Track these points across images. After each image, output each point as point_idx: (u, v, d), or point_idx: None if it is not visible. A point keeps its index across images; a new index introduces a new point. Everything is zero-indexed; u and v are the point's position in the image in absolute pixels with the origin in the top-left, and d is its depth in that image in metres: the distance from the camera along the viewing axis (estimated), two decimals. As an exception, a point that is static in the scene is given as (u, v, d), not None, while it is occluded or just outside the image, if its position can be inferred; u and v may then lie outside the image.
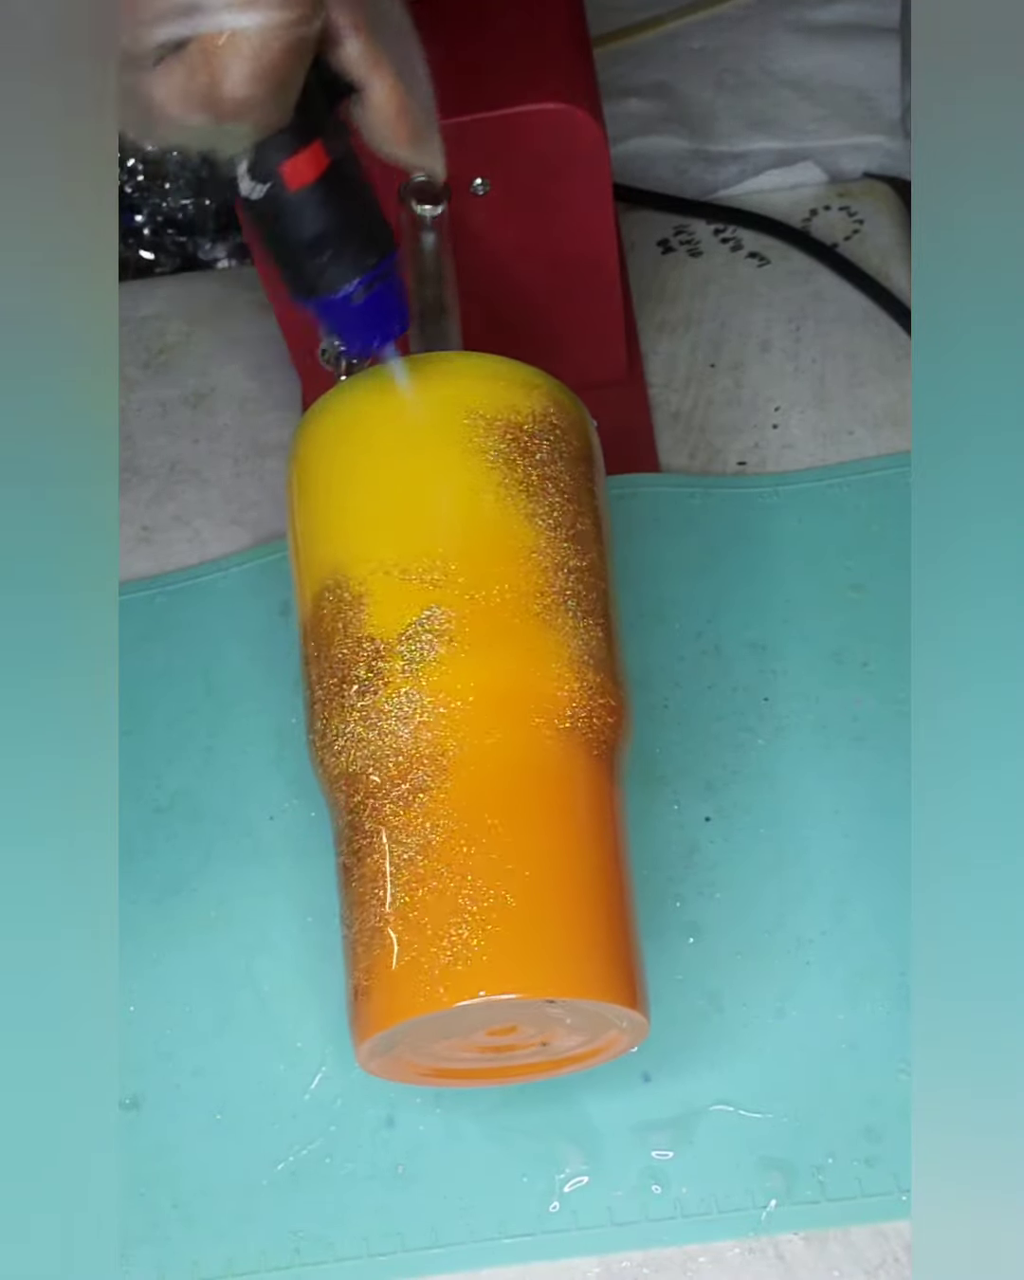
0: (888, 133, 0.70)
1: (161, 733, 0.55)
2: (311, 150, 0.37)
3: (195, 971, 0.49)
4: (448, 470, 0.42)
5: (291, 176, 0.37)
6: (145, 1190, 0.46)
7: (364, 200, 0.39)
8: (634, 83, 0.74)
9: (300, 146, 0.37)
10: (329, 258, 0.39)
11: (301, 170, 0.37)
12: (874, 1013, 0.46)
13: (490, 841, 0.39)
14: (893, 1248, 0.43)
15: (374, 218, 0.40)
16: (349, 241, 0.39)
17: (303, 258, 0.39)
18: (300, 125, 0.37)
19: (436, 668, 0.40)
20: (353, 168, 0.39)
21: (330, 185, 0.38)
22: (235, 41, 0.33)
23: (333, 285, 0.40)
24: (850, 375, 0.62)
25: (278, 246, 0.39)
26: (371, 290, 0.40)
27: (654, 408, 0.62)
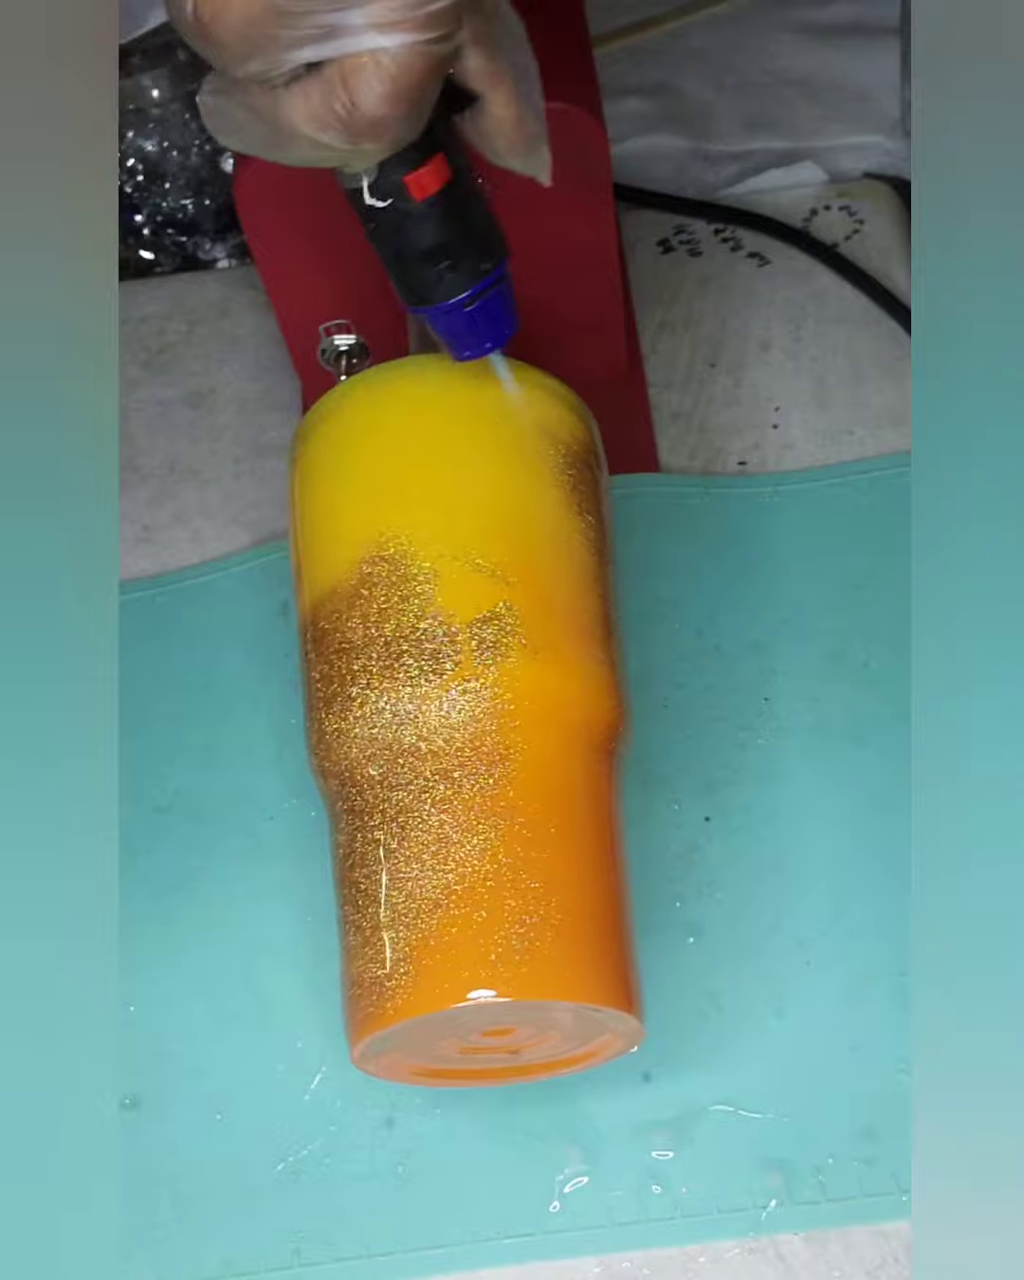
0: (888, 132, 0.70)
1: (161, 733, 0.55)
2: (435, 163, 0.38)
3: (195, 971, 0.49)
4: (521, 477, 0.44)
5: (416, 189, 0.38)
6: (145, 1190, 0.46)
7: (480, 208, 0.40)
8: (634, 83, 0.74)
9: (425, 159, 0.38)
10: (446, 267, 0.40)
11: (425, 183, 0.38)
12: (874, 1013, 0.46)
13: (490, 844, 0.39)
14: (893, 1248, 0.43)
15: (489, 225, 0.41)
16: (467, 250, 0.40)
17: (421, 267, 0.40)
18: (425, 138, 0.37)
19: (505, 663, 0.40)
20: (470, 177, 0.40)
21: (451, 196, 0.39)
22: (377, 62, 0.33)
23: (449, 294, 0.40)
24: (850, 375, 0.62)
25: (396, 256, 0.40)
26: (485, 296, 0.41)
27: (654, 408, 0.62)
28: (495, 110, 0.38)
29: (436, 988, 0.38)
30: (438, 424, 0.44)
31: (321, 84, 0.34)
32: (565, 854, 0.39)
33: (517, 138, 0.39)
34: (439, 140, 0.38)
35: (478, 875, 0.38)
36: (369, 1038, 0.39)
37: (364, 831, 0.40)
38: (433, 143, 0.37)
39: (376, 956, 0.39)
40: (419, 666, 0.40)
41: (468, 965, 0.38)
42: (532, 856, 0.39)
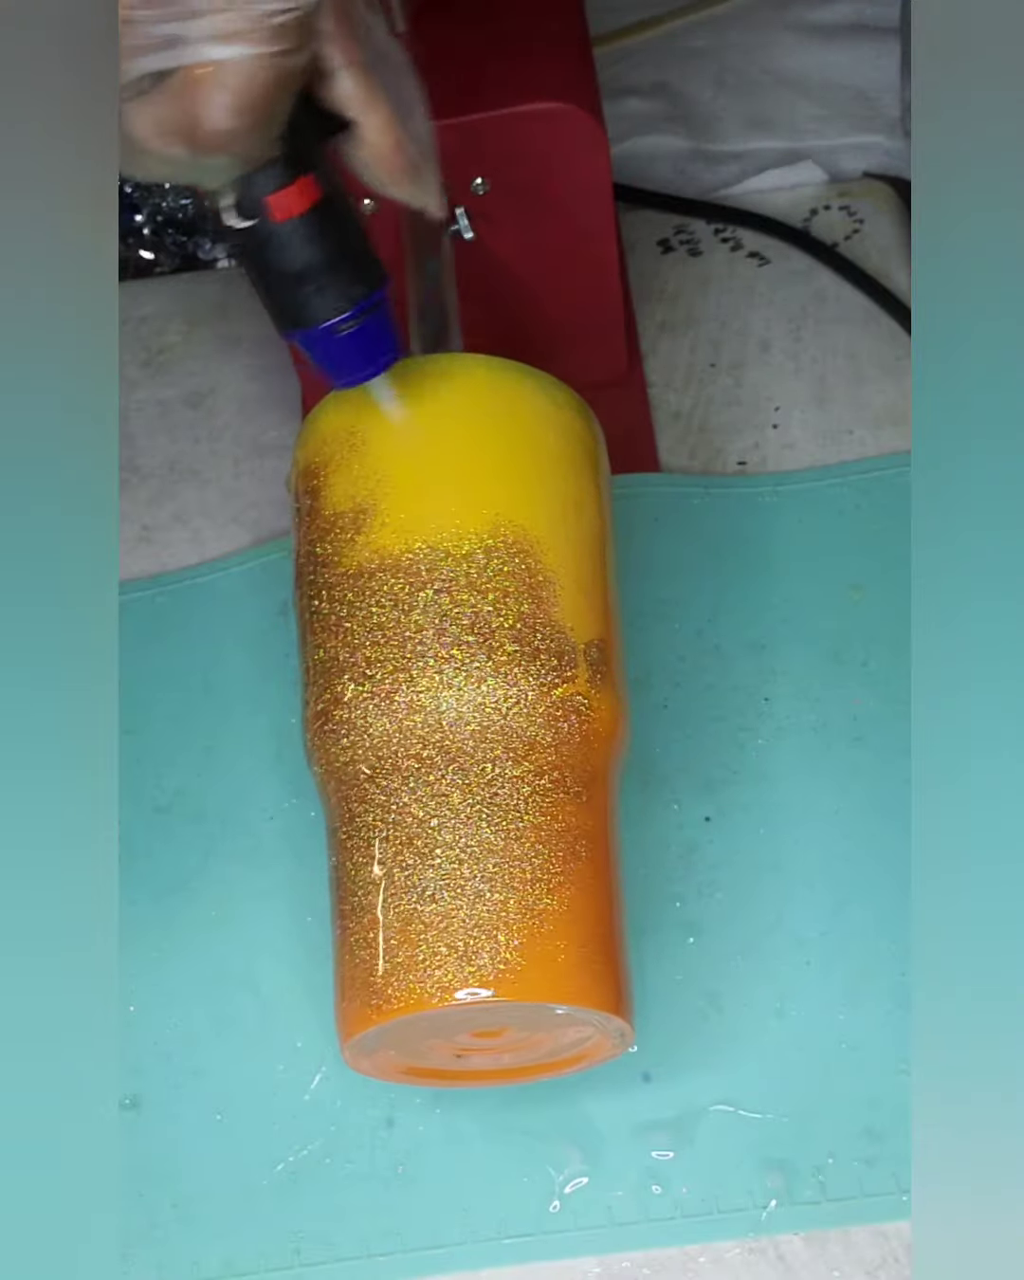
0: (888, 132, 0.70)
1: (161, 733, 0.55)
2: (300, 184, 0.37)
3: (195, 971, 0.49)
4: (598, 496, 0.46)
5: (278, 209, 0.37)
6: (145, 1190, 0.46)
7: (353, 233, 0.39)
8: (634, 82, 0.74)
9: (288, 180, 0.36)
10: (313, 290, 0.38)
11: (288, 204, 0.37)
12: (874, 1013, 0.46)
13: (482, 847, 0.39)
14: (893, 1248, 0.43)
15: (363, 251, 0.39)
16: (336, 274, 0.38)
17: (288, 290, 0.38)
18: (289, 158, 0.36)
19: (602, 689, 0.42)
20: (343, 201, 0.38)
21: (319, 218, 0.37)
22: (218, 74, 0.32)
23: (317, 317, 0.39)
24: (850, 375, 0.62)
25: (262, 278, 0.39)
26: (359, 323, 0.39)
27: (654, 408, 0.62)
28: (369, 137, 0.37)
29: (424, 988, 0.38)
30: (542, 433, 0.44)
31: (165, 95, 0.33)
32: (558, 857, 0.39)
33: (394, 165, 0.38)
34: (308, 162, 0.37)
35: (470, 877, 0.38)
36: (358, 1036, 0.39)
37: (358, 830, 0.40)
38: (299, 163, 0.36)
39: (366, 956, 0.39)
40: (511, 664, 0.40)
41: (456, 966, 0.38)
42: (524, 860, 0.39)
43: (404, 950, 0.38)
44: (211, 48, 0.32)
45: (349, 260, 0.38)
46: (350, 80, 0.36)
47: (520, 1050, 0.42)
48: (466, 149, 0.51)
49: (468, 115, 0.50)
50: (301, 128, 0.36)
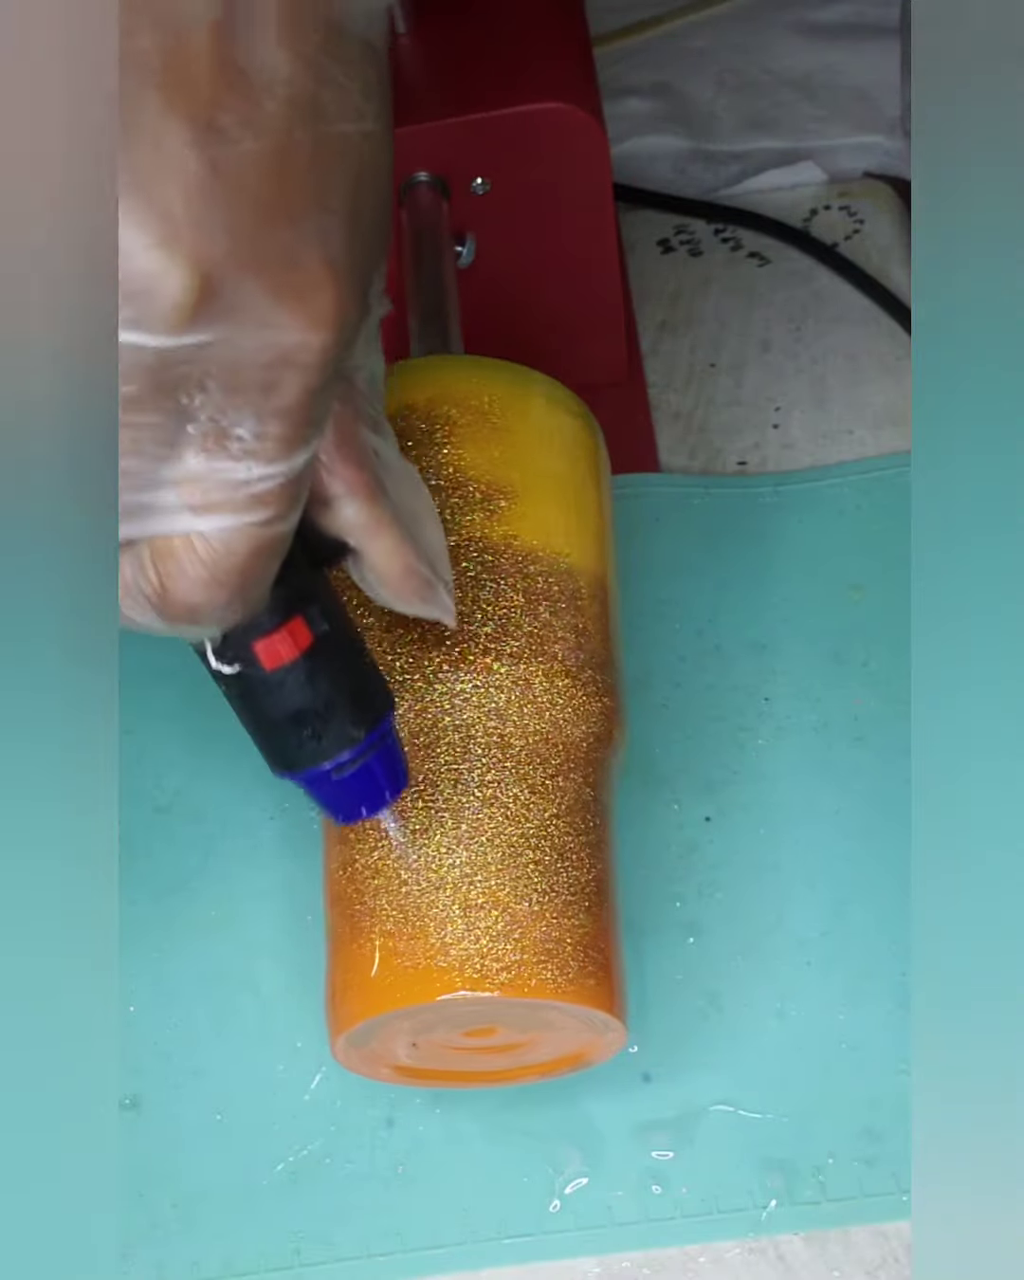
0: (888, 132, 0.70)
1: (161, 733, 0.55)
2: (291, 628, 0.33)
3: (195, 971, 0.49)
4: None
5: (266, 657, 0.33)
6: (145, 1190, 0.46)
7: (353, 668, 0.35)
8: (634, 83, 0.74)
9: (277, 625, 0.33)
10: (309, 734, 0.34)
11: (278, 650, 0.33)
12: (874, 1013, 0.46)
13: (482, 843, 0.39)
14: (893, 1248, 0.43)
15: (364, 684, 0.35)
16: (334, 716, 0.34)
17: (281, 734, 0.35)
18: (278, 602, 0.32)
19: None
20: (342, 631, 0.35)
21: (315, 661, 0.33)
22: (190, 546, 0.29)
23: (315, 761, 0.35)
24: (850, 375, 0.62)
25: (252, 722, 0.35)
26: (363, 761, 0.35)
27: (654, 408, 0.62)
28: (378, 563, 0.34)
29: (415, 984, 0.38)
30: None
31: (133, 563, 0.30)
32: (553, 856, 0.39)
33: (404, 589, 0.35)
34: (300, 598, 0.33)
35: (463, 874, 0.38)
36: (347, 1033, 0.39)
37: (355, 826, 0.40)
38: (290, 605, 0.33)
39: (355, 951, 0.39)
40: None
41: (443, 962, 0.38)
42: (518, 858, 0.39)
43: (397, 946, 0.38)
44: (185, 519, 0.29)
45: (350, 699, 0.35)
46: (353, 508, 0.33)
47: (513, 1051, 0.42)
48: (467, 148, 0.51)
49: (468, 115, 0.50)
50: (297, 562, 0.33)
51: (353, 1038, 0.39)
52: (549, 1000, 0.38)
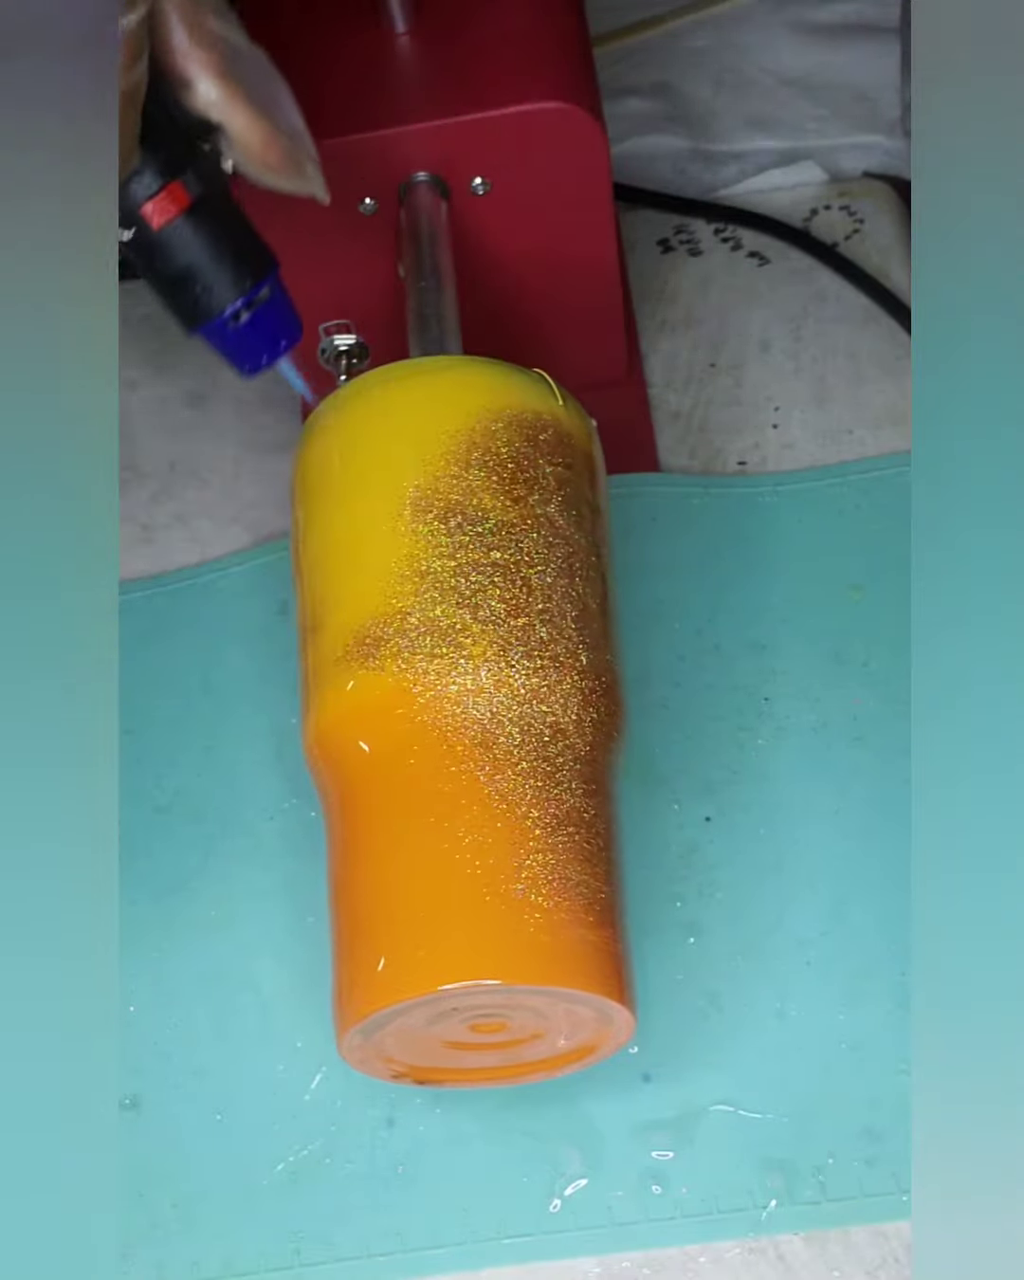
0: (888, 132, 0.70)
1: (161, 733, 0.55)
2: (170, 190, 0.39)
3: (195, 971, 0.49)
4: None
5: (153, 216, 0.39)
6: (145, 1190, 0.46)
7: (234, 229, 0.41)
8: (634, 82, 0.74)
9: (159, 188, 0.39)
10: (201, 288, 0.41)
11: (163, 209, 0.39)
12: (874, 1013, 0.46)
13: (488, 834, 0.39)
14: (893, 1248, 0.43)
15: (246, 244, 0.41)
16: (221, 270, 0.41)
17: (178, 291, 0.41)
18: (158, 167, 0.39)
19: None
20: (222, 199, 0.41)
21: (196, 220, 0.40)
22: None
23: (209, 312, 0.41)
24: (850, 375, 0.62)
25: (155, 283, 0.41)
26: (253, 311, 0.42)
27: (654, 408, 0.62)
28: (238, 134, 0.39)
29: (420, 974, 0.38)
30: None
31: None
32: (557, 844, 0.39)
33: (269, 159, 0.40)
34: (176, 167, 0.39)
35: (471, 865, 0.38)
36: (354, 1028, 0.39)
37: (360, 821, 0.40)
38: (169, 170, 0.39)
39: (362, 944, 0.39)
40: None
41: (453, 951, 0.38)
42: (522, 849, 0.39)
43: (403, 938, 0.38)
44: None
45: (232, 255, 0.41)
46: (207, 85, 0.38)
47: (521, 1047, 0.42)
48: (466, 148, 0.51)
49: (468, 114, 0.50)
50: (168, 135, 0.39)
51: (360, 1033, 0.39)
52: (558, 988, 0.38)
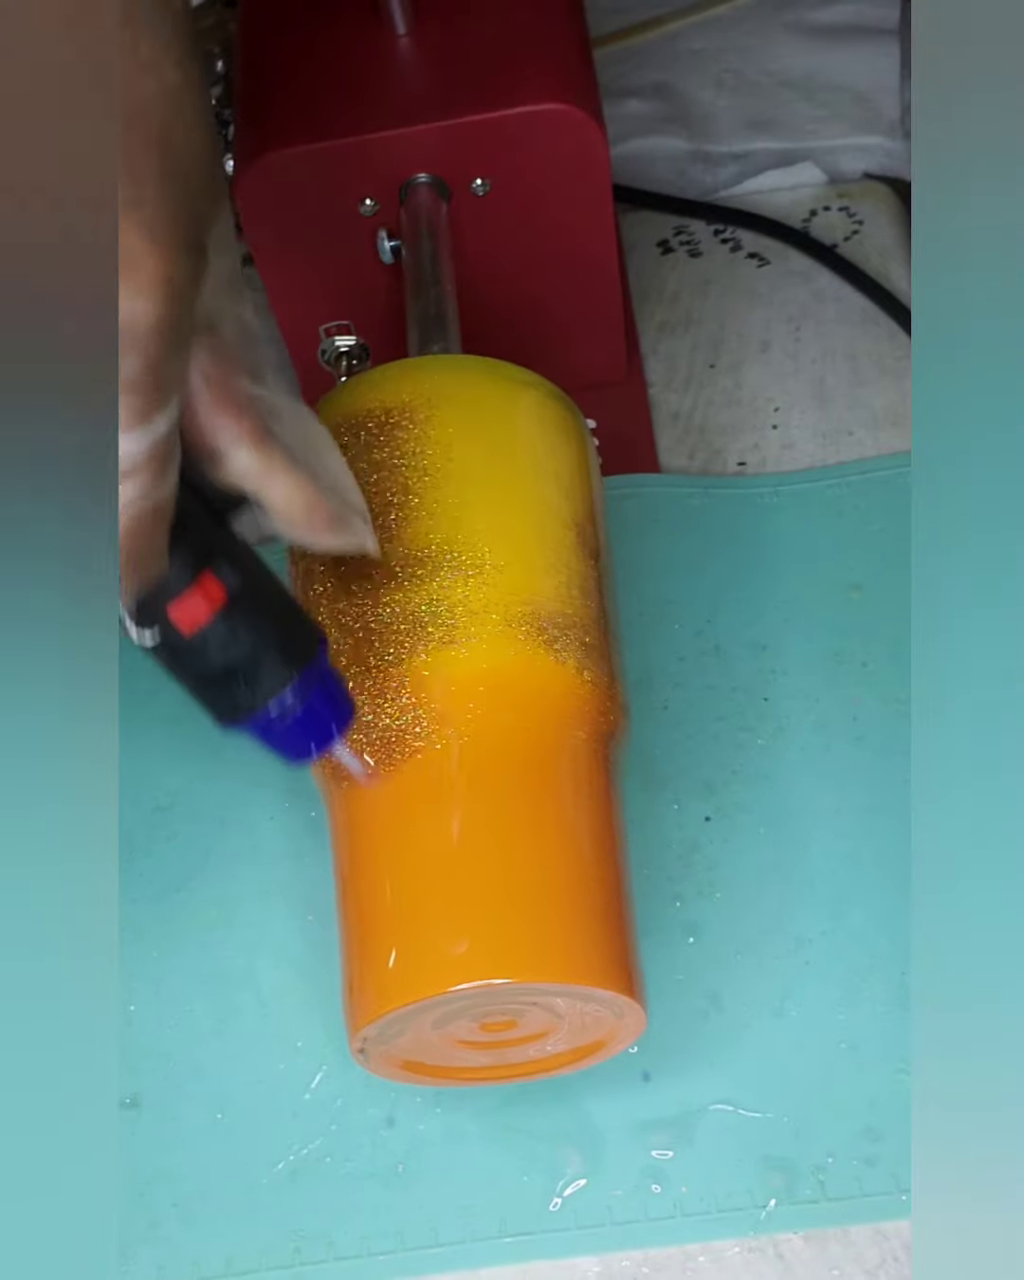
0: (887, 133, 0.70)
1: (161, 733, 0.55)
2: (201, 587, 0.33)
3: (195, 971, 0.49)
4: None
5: (183, 622, 0.33)
6: (145, 1190, 0.46)
7: (274, 615, 0.35)
8: (634, 83, 0.74)
9: (186, 586, 0.33)
10: (244, 684, 0.35)
11: (193, 613, 0.33)
12: (874, 1013, 0.46)
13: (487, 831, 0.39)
14: (893, 1247, 0.43)
15: (288, 628, 0.36)
16: (263, 664, 0.35)
17: (214, 690, 0.36)
18: (183, 562, 0.32)
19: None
20: (256, 584, 0.35)
21: (231, 616, 0.34)
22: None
23: (251, 709, 0.36)
24: (850, 375, 0.62)
25: (187, 683, 0.36)
26: (303, 701, 0.36)
27: (654, 408, 0.62)
28: (277, 504, 0.34)
29: (433, 973, 0.38)
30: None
31: None
32: (562, 840, 0.39)
33: (314, 523, 0.35)
34: (205, 556, 0.33)
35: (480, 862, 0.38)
36: (366, 1028, 0.39)
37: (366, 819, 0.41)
38: (196, 564, 0.33)
39: (373, 943, 0.39)
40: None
41: (468, 951, 0.38)
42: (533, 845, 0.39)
43: (413, 937, 0.38)
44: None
45: (275, 645, 0.35)
46: (241, 456, 0.33)
47: (531, 1043, 0.42)
48: (467, 149, 0.51)
49: (468, 115, 0.50)
50: (195, 519, 0.33)
51: (371, 1033, 0.39)
52: (572, 984, 0.38)
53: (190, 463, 0.33)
